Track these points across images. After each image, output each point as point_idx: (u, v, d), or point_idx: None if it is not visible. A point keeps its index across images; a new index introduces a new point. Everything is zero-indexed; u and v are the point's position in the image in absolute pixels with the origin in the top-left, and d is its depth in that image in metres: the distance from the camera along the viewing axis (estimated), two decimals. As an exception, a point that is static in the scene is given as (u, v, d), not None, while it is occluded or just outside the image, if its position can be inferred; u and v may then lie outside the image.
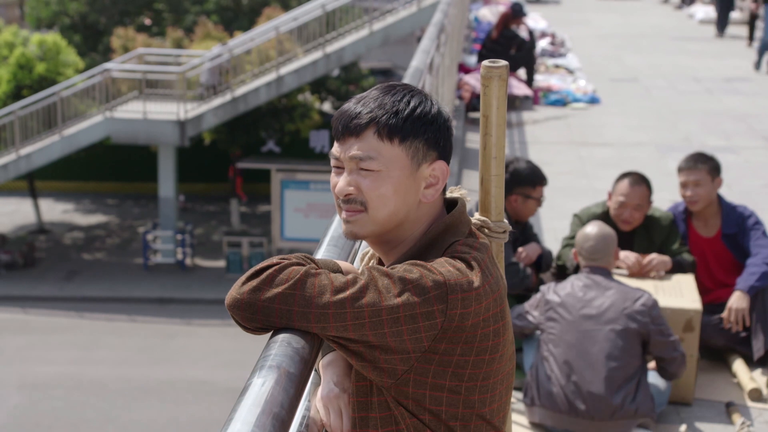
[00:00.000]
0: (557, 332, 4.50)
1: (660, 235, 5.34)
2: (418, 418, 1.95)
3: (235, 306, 1.90)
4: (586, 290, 4.56)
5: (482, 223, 2.32)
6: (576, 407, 4.37)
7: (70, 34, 25.65)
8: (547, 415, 4.46)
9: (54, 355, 17.36)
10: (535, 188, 5.32)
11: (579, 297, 4.54)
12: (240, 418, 1.58)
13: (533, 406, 4.52)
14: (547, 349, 4.52)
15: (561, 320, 4.51)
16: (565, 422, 4.41)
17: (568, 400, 4.38)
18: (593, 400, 4.35)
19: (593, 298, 4.53)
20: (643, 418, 4.39)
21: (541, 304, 4.63)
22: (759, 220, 5.38)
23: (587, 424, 4.37)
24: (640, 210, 5.28)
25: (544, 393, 4.46)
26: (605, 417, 4.35)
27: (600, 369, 4.37)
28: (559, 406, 4.41)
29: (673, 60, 16.41)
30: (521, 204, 5.32)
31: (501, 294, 2.01)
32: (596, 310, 4.49)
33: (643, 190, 5.28)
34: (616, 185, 5.35)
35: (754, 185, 9.01)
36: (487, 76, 2.30)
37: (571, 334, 4.46)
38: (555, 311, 4.55)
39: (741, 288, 5.11)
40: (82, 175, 27.73)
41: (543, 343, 4.55)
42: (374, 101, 2.03)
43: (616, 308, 4.48)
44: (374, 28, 21.20)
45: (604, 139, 10.86)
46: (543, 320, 4.59)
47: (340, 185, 2.04)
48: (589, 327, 4.45)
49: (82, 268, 22.66)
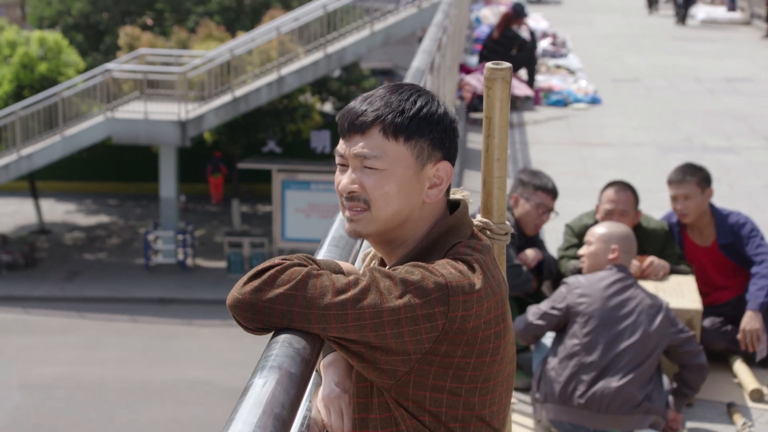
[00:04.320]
0: (583, 328, 4.45)
1: (654, 246, 5.28)
2: (418, 420, 1.95)
3: (236, 306, 1.90)
4: (617, 289, 4.53)
5: (484, 224, 2.32)
6: (598, 402, 4.34)
7: (72, 33, 25.65)
8: (562, 410, 4.42)
9: (55, 355, 17.37)
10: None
11: (610, 295, 4.50)
12: (241, 419, 1.58)
13: (546, 402, 4.48)
14: (569, 343, 4.46)
15: (589, 316, 4.46)
16: (582, 417, 4.38)
17: (590, 395, 4.35)
18: (617, 396, 4.34)
19: (625, 299, 4.51)
20: (657, 415, 4.40)
21: (570, 297, 4.53)
22: (755, 227, 5.34)
23: (607, 419, 4.36)
24: (627, 216, 5.21)
25: (558, 388, 4.42)
26: (626, 412, 4.35)
27: (624, 367, 4.37)
28: (577, 401, 4.38)
29: (674, 60, 16.41)
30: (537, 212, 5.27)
31: (502, 296, 2.01)
32: (627, 311, 4.47)
33: (628, 195, 5.25)
34: (602, 195, 5.33)
35: (755, 185, 9.02)
36: (491, 78, 2.30)
37: (599, 332, 4.42)
38: (584, 306, 4.48)
39: (752, 308, 5.06)
40: (83, 175, 27.73)
41: (567, 338, 4.49)
42: (380, 100, 2.03)
43: (646, 313, 4.48)
44: (375, 28, 21.20)
45: (605, 139, 10.86)
46: (569, 314, 4.51)
47: (343, 182, 2.04)
48: (618, 327, 4.43)
49: (83, 269, 22.66)
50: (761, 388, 4.99)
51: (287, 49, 21.15)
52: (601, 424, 4.37)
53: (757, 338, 5.05)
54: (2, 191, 26.23)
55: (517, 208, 5.25)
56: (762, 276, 5.11)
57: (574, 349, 4.44)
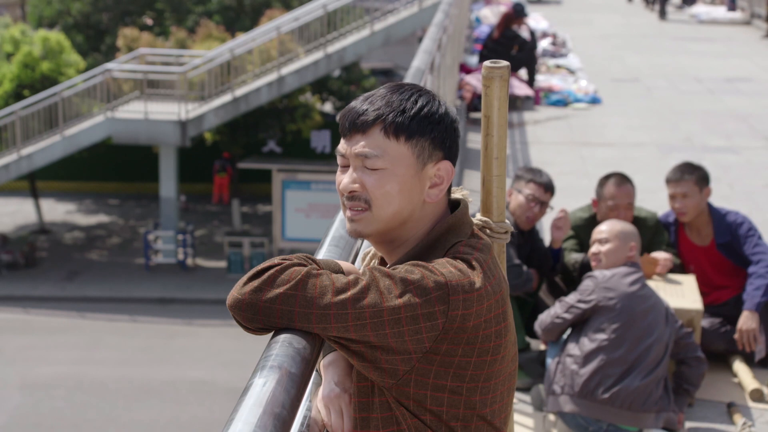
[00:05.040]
0: (612, 323, 4.46)
1: (646, 235, 5.32)
2: (419, 419, 1.95)
3: (236, 306, 1.90)
4: (637, 287, 4.55)
5: (484, 223, 2.32)
6: (622, 399, 4.37)
7: (72, 33, 25.65)
8: (582, 404, 4.42)
9: (55, 355, 17.37)
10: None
11: (632, 292, 4.52)
12: (241, 418, 1.58)
13: (563, 394, 4.48)
14: (590, 337, 4.47)
15: (619, 312, 4.47)
16: (604, 412, 4.39)
17: (615, 391, 4.37)
18: (641, 394, 4.37)
19: (646, 298, 4.53)
20: (668, 412, 4.43)
21: (598, 290, 4.53)
22: (752, 226, 5.34)
23: (627, 415, 4.39)
24: (631, 209, 5.29)
25: (582, 382, 4.42)
26: (646, 410, 4.38)
27: (646, 365, 4.40)
28: (601, 397, 4.39)
29: (675, 60, 16.40)
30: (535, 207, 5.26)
31: (503, 295, 2.01)
32: (649, 310, 4.50)
33: (628, 188, 5.30)
34: (601, 190, 5.32)
35: (755, 185, 9.01)
36: (489, 77, 2.30)
37: (623, 329, 4.44)
38: (609, 302, 4.49)
39: (749, 308, 5.07)
40: (83, 175, 27.74)
41: (593, 332, 4.49)
42: (381, 99, 2.03)
43: (663, 314, 4.53)
44: (375, 28, 21.20)
45: (605, 139, 10.86)
46: (597, 309, 4.51)
47: (344, 182, 2.04)
48: (642, 322, 4.46)
49: (84, 269, 22.66)
50: (761, 387, 4.99)
51: (287, 49, 21.15)
52: (621, 420, 4.40)
53: (754, 338, 5.05)
54: (2, 191, 26.23)
55: (511, 201, 5.24)
56: (759, 276, 5.11)
57: (602, 344, 4.45)
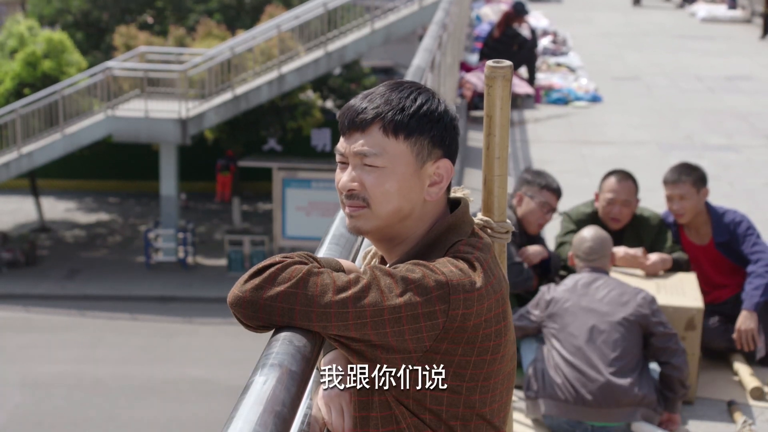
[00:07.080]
0: (561, 326, 4.54)
1: (649, 234, 5.33)
2: (418, 418, 1.95)
3: (237, 304, 1.90)
4: (588, 285, 4.63)
5: (485, 223, 2.32)
6: (583, 396, 4.40)
7: (72, 31, 25.64)
8: (553, 405, 4.48)
9: (56, 353, 17.37)
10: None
11: (582, 292, 4.60)
12: (242, 417, 1.58)
13: (538, 398, 4.55)
14: (551, 343, 4.56)
15: (565, 314, 4.56)
16: (571, 411, 4.44)
17: (575, 389, 4.42)
18: (600, 388, 4.39)
19: (595, 291, 4.60)
20: (647, 405, 4.41)
21: (542, 303, 4.67)
22: (751, 225, 5.34)
23: (594, 412, 4.41)
24: (629, 206, 5.29)
25: (549, 385, 4.49)
26: (612, 404, 4.39)
27: (605, 358, 4.43)
28: (565, 396, 4.44)
29: (675, 58, 16.40)
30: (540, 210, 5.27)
31: (503, 295, 2.01)
32: (599, 303, 4.55)
33: (630, 185, 5.30)
34: (603, 184, 5.35)
35: (755, 183, 9.01)
36: (491, 76, 2.30)
37: (576, 327, 4.51)
38: (558, 306, 4.59)
39: (747, 307, 5.06)
40: (83, 173, 27.74)
41: (547, 338, 4.60)
42: (381, 97, 2.03)
43: (617, 301, 4.54)
44: (376, 26, 21.19)
45: (605, 137, 10.86)
46: (545, 318, 4.63)
47: (343, 180, 2.04)
48: (593, 319, 4.50)
49: (84, 267, 22.66)
50: (762, 386, 4.99)
51: (288, 47, 21.14)
52: (590, 416, 4.41)
53: (753, 338, 5.05)
54: (3, 189, 26.23)
55: (521, 206, 5.23)
56: (757, 275, 5.11)
57: (551, 349, 4.55)
